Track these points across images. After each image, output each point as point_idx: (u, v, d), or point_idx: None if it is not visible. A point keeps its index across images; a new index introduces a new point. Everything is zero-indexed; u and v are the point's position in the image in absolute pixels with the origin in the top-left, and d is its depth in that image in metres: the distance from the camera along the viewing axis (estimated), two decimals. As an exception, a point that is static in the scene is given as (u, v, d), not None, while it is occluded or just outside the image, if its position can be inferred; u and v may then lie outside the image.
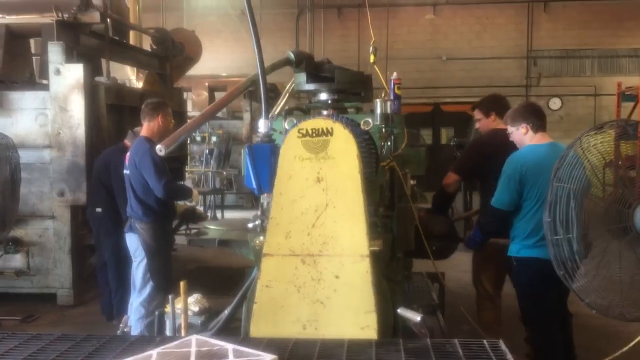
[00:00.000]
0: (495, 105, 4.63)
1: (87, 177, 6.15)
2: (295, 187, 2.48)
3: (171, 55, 9.57)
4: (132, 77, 11.37)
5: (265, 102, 2.81)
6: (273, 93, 6.47)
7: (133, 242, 4.56)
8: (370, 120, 2.95)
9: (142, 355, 2.11)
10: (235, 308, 2.83)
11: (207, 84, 15.64)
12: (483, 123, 4.64)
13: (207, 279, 6.95)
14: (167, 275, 4.52)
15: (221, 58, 16.54)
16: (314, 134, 2.44)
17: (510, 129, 3.88)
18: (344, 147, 2.44)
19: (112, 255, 5.38)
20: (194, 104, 15.11)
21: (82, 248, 6.56)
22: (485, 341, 2.27)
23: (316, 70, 3.61)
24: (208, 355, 2.10)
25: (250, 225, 2.98)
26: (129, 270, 4.78)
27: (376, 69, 4.16)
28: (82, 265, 6.54)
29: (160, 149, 2.53)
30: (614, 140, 2.61)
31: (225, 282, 6.10)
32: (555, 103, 17.23)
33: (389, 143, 3.53)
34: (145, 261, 4.48)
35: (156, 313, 2.73)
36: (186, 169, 15.03)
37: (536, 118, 3.79)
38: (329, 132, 2.44)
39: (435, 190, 4.67)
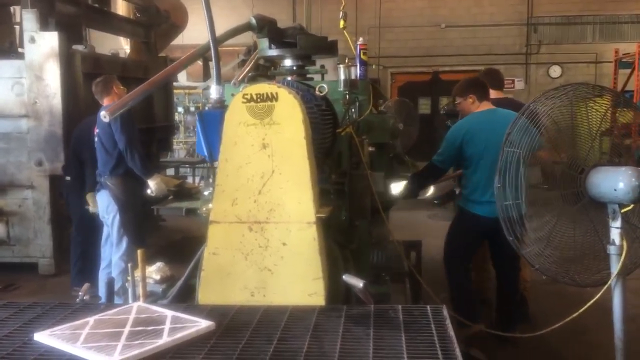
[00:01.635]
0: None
1: (64, 147, 6.11)
2: (240, 154, 2.44)
3: (155, 23, 9.43)
4: (125, 46, 11.26)
5: (217, 68, 2.77)
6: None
7: (104, 200, 4.63)
8: (325, 86, 2.90)
9: (80, 321, 2.10)
10: (189, 276, 2.82)
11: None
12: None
13: (190, 249, 6.95)
14: (140, 229, 4.58)
15: (216, 26, 16.27)
16: (259, 99, 2.39)
17: (459, 99, 4.30)
18: (289, 112, 2.39)
19: (77, 225, 5.41)
20: (188, 74, 14.97)
21: (62, 218, 6.55)
22: (428, 307, 2.26)
23: (279, 36, 3.54)
24: (145, 322, 2.10)
25: (206, 192, 2.95)
26: (94, 240, 4.81)
27: (345, 34, 4.09)
28: (62, 235, 6.53)
29: (104, 116, 2.49)
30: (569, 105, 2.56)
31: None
32: (555, 71, 16.98)
33: (352, 110, 3.49)
34: (118, 216, 4.54)
35: (105, 281, 2.72)
36: (177, 139, 14.98)
37: (481, 89, 4.24)
38: (273, 97, 2.39)
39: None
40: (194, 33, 11.55)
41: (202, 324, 2.06)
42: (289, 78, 3.44)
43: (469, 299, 4.23)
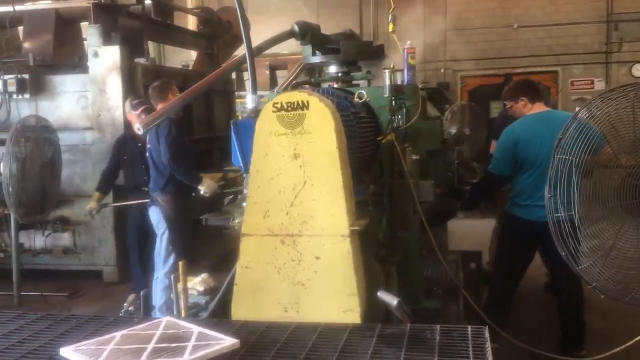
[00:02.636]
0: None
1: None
2: (271, 164, 2.36)
3: (218, 34, 9.59)
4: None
5: (252, 77, 2.72)
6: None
7: (155, 216, 4.66)
8: (364, 92, 2.78)
9: (107, 336, 2.08)
10: (226, 290, 2.77)
11: (267, 62, 15.68)
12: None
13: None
14: (188, 247, 4.58)
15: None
16: (289, 108, 2.31)
17: (510, 103, 4.13)
18: (320, 121, 2.30)
19: (131, 235, 5.52)
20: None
21: (125, 227, 6.71)
22: (469, 327, 2.10)
23: (322, 43, 3.47)
24: (170, 338, 2.05)
25: (244, 204, 2.90)
26: (149, 248, 4.86)
27: (394, 37, 3.97)
28: (125, 244, 6.69)
29: (138, 128, 2.49)
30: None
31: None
32: (638, 69, 16.01)
33: (399, 116, 3.36)
34: (167, 233, 4.56)
35: (141, 294, 2.72)
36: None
37: (532, 90, 4.11)
38: (304, 106, 2.30)
39: None
40: (258, 43, 11.69)
41: (227, 342, 1.99)
42: (327, 85, 3.36)
43: (500, 307, 4.04)
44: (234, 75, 11.31)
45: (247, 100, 2.68)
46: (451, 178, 4.30)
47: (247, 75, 13.50)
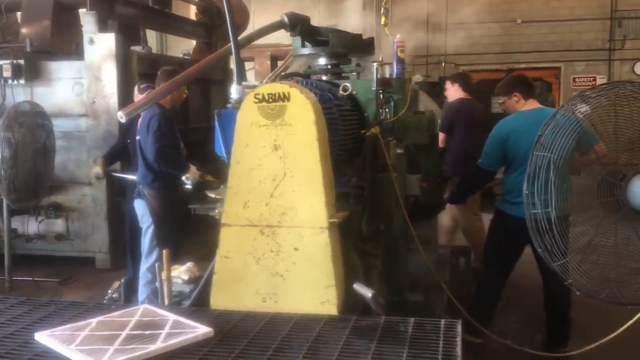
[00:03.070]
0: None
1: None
2: (252, 155, 2.37)
3: (216, 24, 9.56)
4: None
5: (238, 67, 2.72)
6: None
7: (140, 208, 4.62)
8: (348, 84, 2.78)
9: (83, 322, 2.10)
10: (207, 280, 2.78)
11: (269, 53, 15.62)
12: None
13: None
14: (173, 242, 4.51)
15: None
16: (270, 100, 2.31)
17: (503, 98, 4.10)
18: (301, 113, 2.31)
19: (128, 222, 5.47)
20: (257, 73, 15.13)
21: (118, 214, 6.72)
22: (442, 321, 2.12)
23: (313, 34, 3.47)
24: (145, 326, 2.06)
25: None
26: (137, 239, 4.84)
27: (386, 31, 3.97)
28: (118, 231, 6.71)
29: (121, 116, 2.49)
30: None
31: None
32: (640, 67, 15.93)
33: (386, 109, 3.37)
34: (152, 227, 4.52)
35: (122, 281, 2.73)
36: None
37: (525, 86, 4.07)
38: (285, 97, 2.30)
39: None
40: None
41: (200, 330, 2.00)
42: (304, 77, 3.35)
43: (487, 304, 4.07)
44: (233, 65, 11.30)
45: (232, 91, 2.68)
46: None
47: (248, 65, 13.52)
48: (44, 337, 1.97)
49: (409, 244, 3.56)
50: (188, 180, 4.46)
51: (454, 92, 6.08)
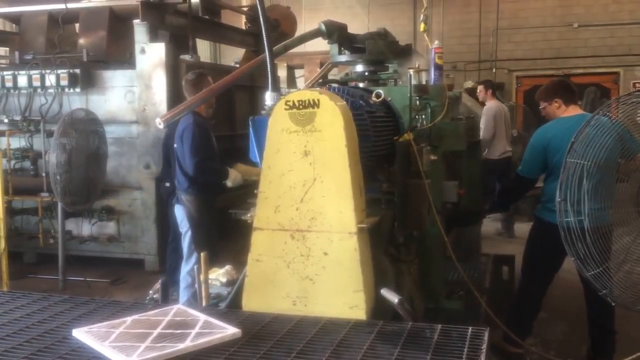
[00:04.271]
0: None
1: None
2: (283, 161, 2.42)
3: (265, 32, 9.70)
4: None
5: (272, 75, 2.78)
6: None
7: (179, 214, 4.73)
8: (381, 91, 2.80)
9: (119, 320, 2.19)
10: (241, 283, 2.85)
11: (319, 60, 15.78)
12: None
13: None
14: (211, 246, 4.57)
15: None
16: (301, 106, 2.36)
17: (543, 104, 4.00)
18: (330, 119, 2.34)
19: (173, 230, 5.56)
20: (307, 80, 15.27)
21: (167, 218, 6.91)
22: (469, 329, 2.11)
23: (349, 42, 3.51)
24: (177, 325, 2.14)
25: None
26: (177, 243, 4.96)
27: (425, 37, 3.96)
28: (166, 234, 6.89)
29: (159, 123, 2.58)
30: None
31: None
32: (703, 72, 15.22)
33: (422, 116, 3.36)
34: (190, 232, 4.62)
35: (160, 281, 2.82)
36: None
37: (567, 92, 3.97)
38: (315, 104, 2.35)
39: None
40: (313, 41, 11.72)
41: (229, 331, 2.06)
42: (339, 84, 3.38)
43: (527, 313, 3.98)
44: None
45: (266, 98, 2.74)
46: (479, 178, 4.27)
47: (298, 72, 13.66)
48: (81, 334, 2.07)
49: (445, 251, 3.53)
50: (230, 184, 4.54)
51: None
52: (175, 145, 4.73)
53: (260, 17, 2.71)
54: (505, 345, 3.77)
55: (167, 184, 5.75)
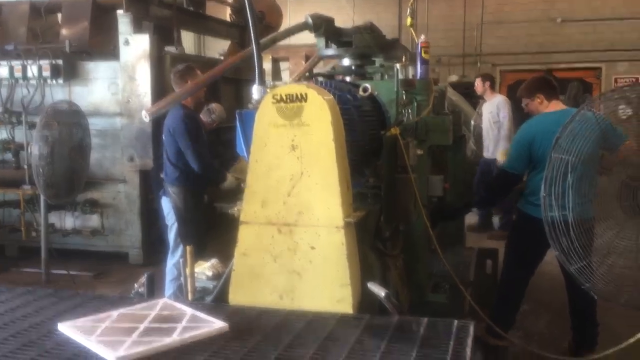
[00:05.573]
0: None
1: (153, 144, 6.41)
2: (270, 155, 2.42)
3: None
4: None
5: (259, 68, 2.77)
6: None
7: (166, 206, 4.71)
8: (368, 85, 2.80)
9: (105, 314, 2.18)
10: (229, 276, 2.84)
11: (304, 53, 15.73)
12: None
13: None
14: (197, 239, 4.57)
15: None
16: (288, 100, 2.35)
17: (526, 101, 4.03)
18: (317, 113, 2.34)
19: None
20: (292, 73, 15.21)
21: (151, 211, 6.87)
22: (455, 322, 2.13)
23: (336, 35, 3.50)
24: (163, 319, 2.13)
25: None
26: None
27: (412, 32, 3.96)
28: (151, 228, 6.86)
29: (145, 115, 2.56)
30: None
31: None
32: (685, 68, 15.41)
33: (409, 110, 3.37)
34: (176, 224, 4.61)
35: (145, 275, 2.81)
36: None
37: (548, 88, 4.01)
38: (302, 98, 2.34)
39: None
40: (299, 34, 11.67)
41: (216, 325, 2.06)
42: (327, 78, 3.38)
43: (510, 306, 4.02)
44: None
45: (253, 91, 2.73)
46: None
47: (283, 65, 13.61)
48: (66, 328, 2.06)
49: (430, 244, 3.56)
50: (224, 187, 4.54)
51: None
52: (163, 137, 4.70)
53: (248, 9, 2.69)
54: (488, 338, 3.82)
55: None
